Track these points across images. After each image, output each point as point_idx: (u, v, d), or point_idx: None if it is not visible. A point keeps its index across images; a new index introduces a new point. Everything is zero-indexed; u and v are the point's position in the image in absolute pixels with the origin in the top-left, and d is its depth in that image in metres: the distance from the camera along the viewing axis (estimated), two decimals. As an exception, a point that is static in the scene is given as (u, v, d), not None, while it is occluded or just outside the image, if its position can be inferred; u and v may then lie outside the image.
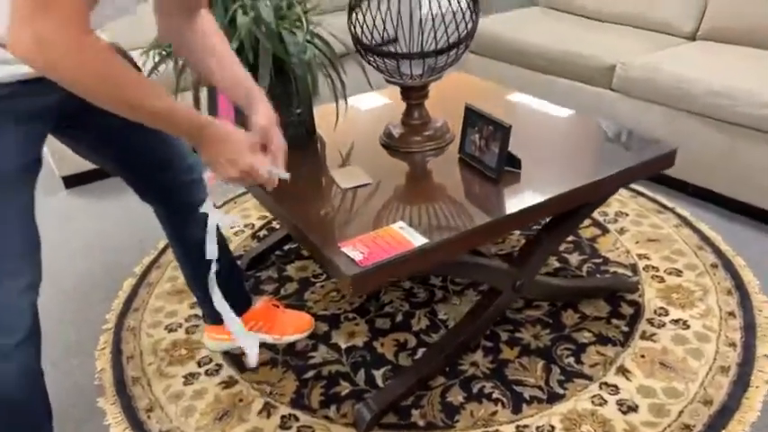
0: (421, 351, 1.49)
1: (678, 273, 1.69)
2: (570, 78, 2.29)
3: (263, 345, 1.52)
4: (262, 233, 2.03)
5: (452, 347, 1.44)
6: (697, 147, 1.94)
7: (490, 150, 1.33)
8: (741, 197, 1.89)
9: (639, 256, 1.77)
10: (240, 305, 1.47)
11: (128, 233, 2.05)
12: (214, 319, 1.46)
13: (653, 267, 1.72)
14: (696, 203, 2.01)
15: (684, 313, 1.54)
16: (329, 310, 1.65)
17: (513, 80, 2.49)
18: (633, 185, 2.14)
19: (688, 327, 1.50)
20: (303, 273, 1.80)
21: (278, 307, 1.57)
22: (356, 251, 1.10)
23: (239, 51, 1.28)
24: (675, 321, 1.52)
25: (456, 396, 1.36)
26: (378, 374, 1.43)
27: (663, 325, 1.51)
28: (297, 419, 1.33)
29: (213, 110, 1.42)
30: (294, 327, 1.54)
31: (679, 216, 1.95)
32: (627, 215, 1.98)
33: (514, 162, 1.34)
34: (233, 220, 1.49)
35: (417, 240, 1.13)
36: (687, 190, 2.05)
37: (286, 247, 1.92)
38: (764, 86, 1.77)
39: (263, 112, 1.06)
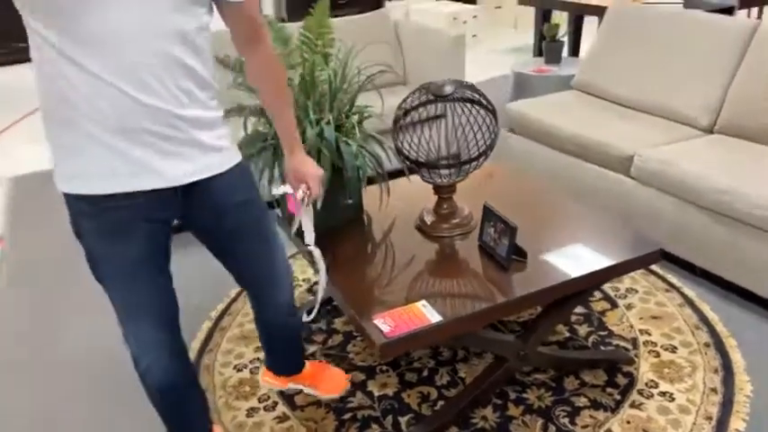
0: (440, 403, 1.78)
1: (673, 349, 1.92)
2: (593, 163, 2.56)
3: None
4: (316, 288, 2.38)
5: (466, 402, 1.73)
6: (703, 234, 2.17)
7: (501, 243, 1.63)
8: (741, 282, 2.10)
9: (641, 331, 2.02)
10: (295, 368, 1.77)
11: (206, 281, 2.44)
12: (270, 365, 1.80)
13: (651, 343, 1.96)
14: (702, 284, 2.23)
15: (672, 387, 1.77)
16: (367, 362, 1.96)
17: (543, 161, 2.79)
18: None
19: (673, 399, 1.73)
20: (347, 327, 2.13)
21: (321, 362, 1.89)
22: (385, 324, 1.42)
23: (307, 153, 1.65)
24: (663, 393, 1.75)
25: (466, 444, 1.64)
26: (403, 421, 1.73)
27: (651, 396, 1.75)
28: (334, 453, 1.64)
29: (284, 208, 1.80)
30: (335, 385, 1.81)
31: (684, 296, 2.18)
32: (636, 291, 2.22)
33: (521, 253, 1.64)
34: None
35: (434, 318, 1.44)
36: (695, 271, 2.27)
37: (335, 302, 2.26)
38: (762, 188, 2.00)
39: (297, 158, 1.44)
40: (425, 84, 1.75)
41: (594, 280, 1.62)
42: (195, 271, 2.30)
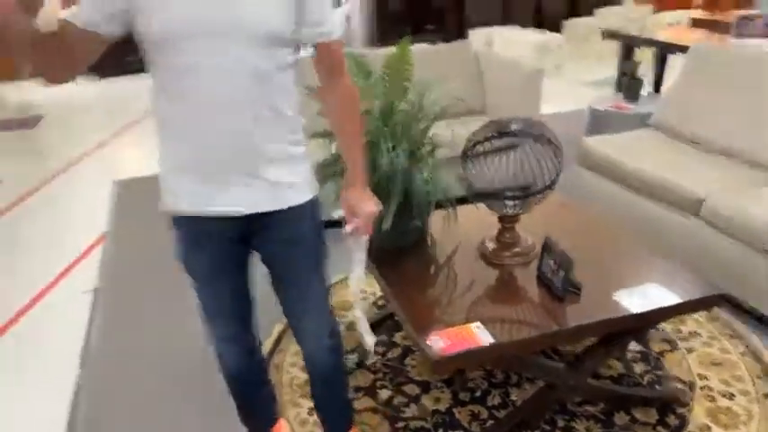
0: (490, 423, 1.86)
1: (731, 396, 1.91)
2: (663, 203, 2.57)
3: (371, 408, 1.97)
4: (381, 302, 2.52)
5: (515, 424, 1.81)
6: (771, 283, 2.14)
7: (558, 275, 1.71)
8: (811, 335, 2.06)
9: (700, 375, 2.01)
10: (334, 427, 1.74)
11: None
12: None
13: (708, 388, 1.95)
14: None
15: (725, 433, 1.77)
16: (423, 376, 2.07)
17: (613, 197, 2.81)
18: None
19: (725, 445, 1.73)
20: (407, 341, 2.25)
21: None
22: (440, 341, 1.54)
23: (378, 182, 1.80)
24: (714, 438, 1.76)
25: (510, 464, 1.71)
26: (452, 435, 1.83)
27: (702, 439, 1.76)
28: (385, 457, 1.76)
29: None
30: None
31: (748, 344, 2.15)
32: (699, 336, 2.21)
33: (577, 286, 1.71)
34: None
35: (486, 340, 1.54)
36: (762, 320, 2.24)
37: (396, 317, 2.39)
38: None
39: (356, 192, 1.46)
40: (495, 119, 1.87)
41: (649, 318, 1.67)
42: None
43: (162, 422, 1.97)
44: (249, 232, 1.42)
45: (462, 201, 2.11)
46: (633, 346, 2.15)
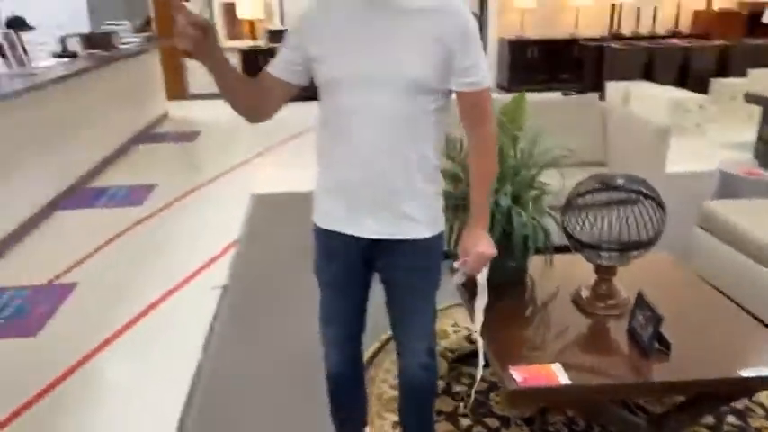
0: (563, 467, 1.89)
1: (835, 490, 1.78)
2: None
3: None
4: (473, 336, 2.61)
5: None
6: None
7: (647, 330, 1.73)
8: None
9: (802, 461, 1.89)
10: None
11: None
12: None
13: (810, 476, 1.83)
14: None
15: None
16: (505, 412, 2.14)
17: (729, 263, 2.70)
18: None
19: None
20: (494, 377, 2.33)
21: None
22: (519, 375, 1.62)
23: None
24: None
25: None
26: (524, 472, 1.88)
27: None
28: (456, 480, 1.85)
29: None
30: None
31: None
32: (809, 421, 2.07)
33: (666, 344, 1.72)
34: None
35: (564, 380, 1.60)
36: None
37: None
38: None
39: (474, 233, 1.58)
40: (600, 173, 1.94)
41: (735, 386, 1.63)
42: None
43: (267, 410, 2.20)
44: (376, 256, 1.59)
45: (564, 248, 2.18)
46: (732, 419, 2.07)
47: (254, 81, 1.51)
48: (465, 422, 2.11)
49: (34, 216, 4.01)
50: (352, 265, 1.63)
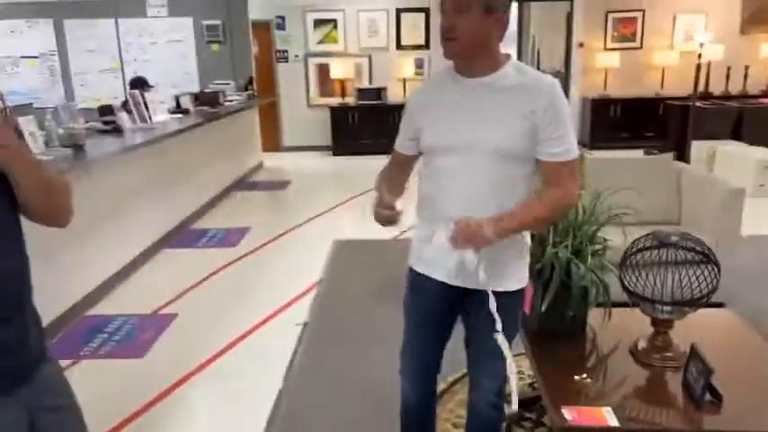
0: None
1: None
2: None
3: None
4: (536, 384, 2.71)
5: None
6: None
7: (699, 382, 1.81)
8: None
9: None
10: None
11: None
12: None
13: None
14: None
15: None
16: (562, 456, 2.23)
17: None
18: None
19: None
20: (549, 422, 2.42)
21: None
22: (569, 414, 1.75)
23: (542, 268, 2.10)
24: None
25: None
26: None
27: None
28: None
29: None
30: None
31: None
32: None
33: (718, 396, 1.78)
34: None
35: (612, 423, 1.71)
36: None
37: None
38: None
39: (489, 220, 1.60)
40: (656, 231, 2.06)
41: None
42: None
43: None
44: (461, 301, 1.80)
45: (625, 303, 2.28)
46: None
47: (399, 169, 1.86)
48: (522, 463, 2.22)
49: (145, 252, 4.52)
50: (437, 307, 1.84)
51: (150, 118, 4.97)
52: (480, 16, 1.56)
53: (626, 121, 8.69)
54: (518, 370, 2.26)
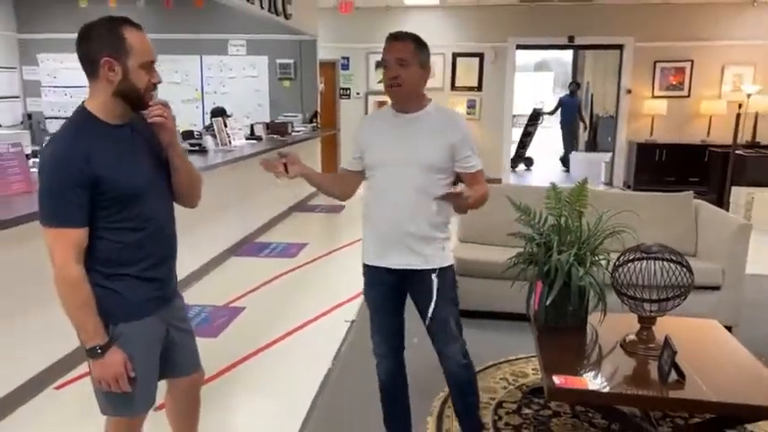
0: (600, 474, 2.37)
1: None
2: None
3: None
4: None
5: None
6: None
7: (668, 362, 2.24)
8: None
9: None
10: (467, 429, 2.45)
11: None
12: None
13: None
14: None
15: None
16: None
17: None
18: None
19: None
20: (558, 407, 2.84)
21: None
22: (558, 380, 2.21)
23: (548, 270, 2.57)
24: None
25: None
26: (566, 470, 2.39)
27: None
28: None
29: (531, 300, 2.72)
30: None
31: None
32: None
33: (682, 375, 2.21)
34: None
35: (591, 386, 2.17)
36: None
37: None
38: None
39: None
40: (641, 245, 2.51)
41: (730, 411, 2.08)
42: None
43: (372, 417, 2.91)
44: (406, 283, 2.29)
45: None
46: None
47: (338, 176, 2.43)
48: (526, 432, 2.66)
49: (217, 257, 5.19)
50: (388, 293, 2.31)
51: (230, 142, 5.72)
52: (416, 69, 2.15)
53: (671, 166, 8.97)
54: (533, 367, 2.69)
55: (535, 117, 11.89)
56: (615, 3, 8.98)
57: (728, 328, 2.93)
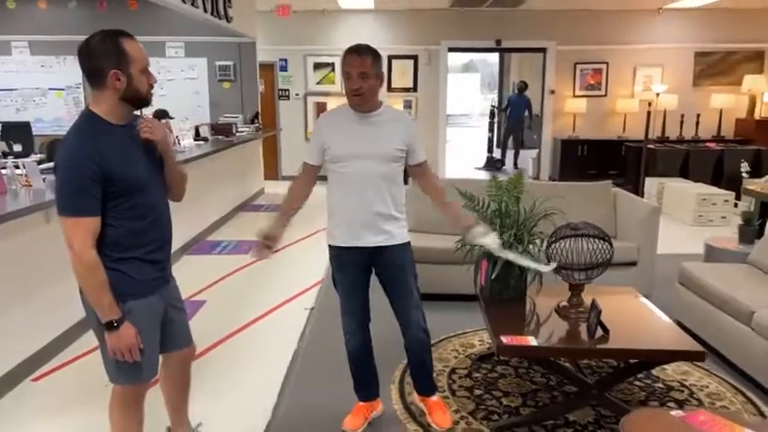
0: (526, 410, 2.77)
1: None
2: (728, 315, 3.26)
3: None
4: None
5: (543, 417, 2.71)
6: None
7: (594, 320, 2.66)
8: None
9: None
10: (425, 389, 2.79)
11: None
12: (415, 386, 2.93)
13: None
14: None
15: None
16: (507, 389, 3.04)
17: (693, 306, 3.53)
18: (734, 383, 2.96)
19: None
20: (504, 369, 3.23)
21: (443, 408, 2.84)
22: (505, 339, 2.58)
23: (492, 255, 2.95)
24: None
25: (546, 440, 2.62)
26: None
27: None
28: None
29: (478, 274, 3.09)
30: (443, 421, 2.73)
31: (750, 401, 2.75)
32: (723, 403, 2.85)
33: (606, 331, 2.63)
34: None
35: (533, 343, 2.55)
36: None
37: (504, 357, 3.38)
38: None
39: (467, 221, 2.68)
40: (570, 223, 2.93)
41: (642, 357, 2.52)
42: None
43: (339, 389, 3.20)
44: (372, 262, 2.62)
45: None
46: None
47: (297, 194, 2.67)
48: (477, 392, 3.03)
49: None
50: (356, 273, 2.61)
51: (179, 143, 5.83)
52: (374, 81, 2.50)
53: (592, 160, 9.71)
54: (480, 339, 3.04)
55: (492, 115, 12.58)
56: (539, 9, 9.63)
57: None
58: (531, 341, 2.58)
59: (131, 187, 1.94)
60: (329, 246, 2.68)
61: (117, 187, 1.89)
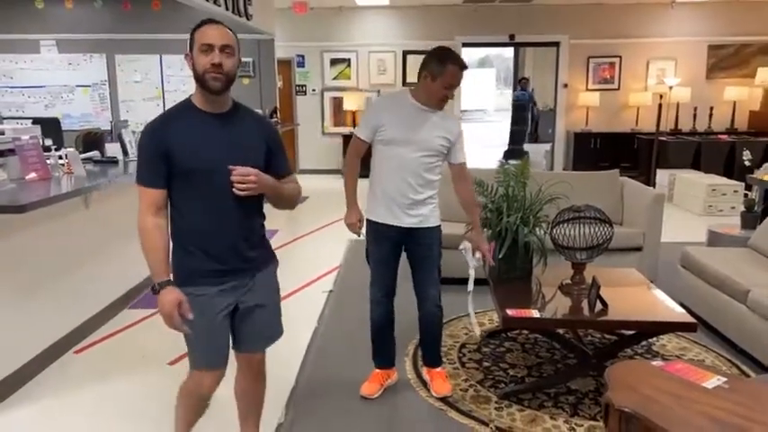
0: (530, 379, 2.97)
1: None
2: (726, 294, 3.43)
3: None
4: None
5: (546, 385, 2.91)
6: (785, 352, 2.92)
7: (593, 294, 2.85)
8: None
9: (706, 398, 2.87)
10: (432, 361, 3.07)
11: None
12: (423, 359, 3.16)
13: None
14: None
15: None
16: (512, 362, 3.24)
17: (693, 287, 3.70)
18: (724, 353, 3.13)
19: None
20: (511, 345, 3.44)
21: (443, 377, 3.08)
22: (511, 311, 2.79)
23: (500, 231, 3.15)
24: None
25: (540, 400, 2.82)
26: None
27: (681, 422, 2.65)
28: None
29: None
30: (441, 389, 2.92)
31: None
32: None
33: (605, 305, 2.82)
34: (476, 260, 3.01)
35: (536, 315, 2.75)
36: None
37: (511, 334, 3.58)
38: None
39: (478, 236, 2.88)
40: (573, 205, 3.13)
41: (648, 329, 2.71)
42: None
43: (356, 362, 3.43)
44: (405, 240, 2.85)
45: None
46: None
47: (357, 156, 2.89)
48: (486, 364, 3.24)
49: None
50: (391, 247, 2.86)
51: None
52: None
53: (604, 153, 9.82)
54: (489, 318, 3.26)
55: (522, 108, 13.12)
56: (552, 3, 9.75)
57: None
58: (534, 313, 2.78)
59: (189, 170, 1.95)
60: (368, 220, 2.91)
61: (177, 169, 1.96)
